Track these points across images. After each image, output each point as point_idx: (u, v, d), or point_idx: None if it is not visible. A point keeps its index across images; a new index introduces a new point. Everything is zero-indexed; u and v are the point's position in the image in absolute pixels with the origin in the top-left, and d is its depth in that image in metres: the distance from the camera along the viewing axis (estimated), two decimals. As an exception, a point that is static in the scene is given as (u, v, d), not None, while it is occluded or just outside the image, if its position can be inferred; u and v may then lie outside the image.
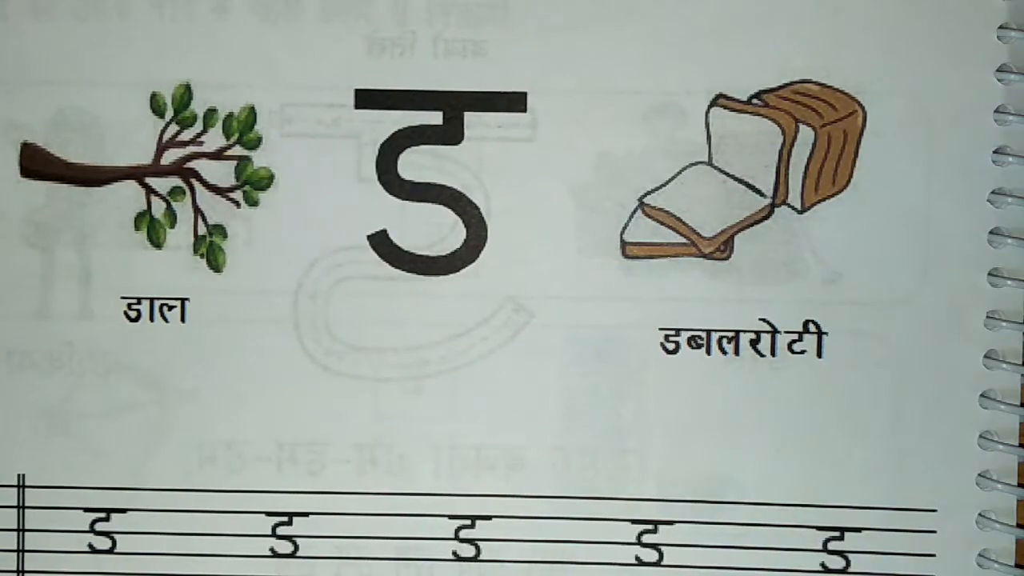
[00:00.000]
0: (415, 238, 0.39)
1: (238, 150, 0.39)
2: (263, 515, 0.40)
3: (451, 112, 0.39)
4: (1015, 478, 0.39)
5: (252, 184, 0.39)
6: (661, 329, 0.39)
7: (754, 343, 0.39)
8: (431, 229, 0.39)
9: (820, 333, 0.39)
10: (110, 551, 0.40)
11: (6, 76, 0.39)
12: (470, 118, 0.39)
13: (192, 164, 0.39)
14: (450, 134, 0.39)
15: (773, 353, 0.39)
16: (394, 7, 0.39)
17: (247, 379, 0.39)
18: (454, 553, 0.40)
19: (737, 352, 0.39)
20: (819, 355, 0.39)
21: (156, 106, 0.39)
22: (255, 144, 0.39)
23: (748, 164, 0.39)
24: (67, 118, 0.39)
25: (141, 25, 0.39)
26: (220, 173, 0.39)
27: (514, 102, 0.39)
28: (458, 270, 0.39)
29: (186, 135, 0.39)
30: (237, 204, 0.39)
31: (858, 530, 0.39)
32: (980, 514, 0.39)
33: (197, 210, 0.39)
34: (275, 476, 0.40)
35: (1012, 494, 0.39)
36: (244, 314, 0.39)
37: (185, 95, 0.39)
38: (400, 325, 0.39)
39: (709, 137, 0.39)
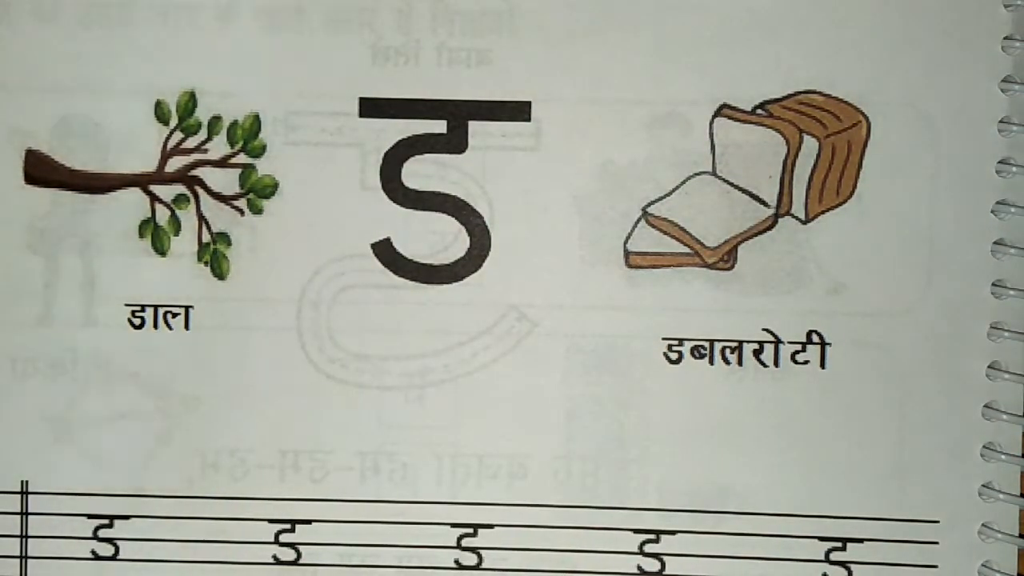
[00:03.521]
0: (419, 247, 0.39)
1: (242, 158, 0.39)
2: (266, 522, 0.40)
3: (455, 121, 0.39)
4: (1018, 489, 0.39)
5: (256, 192, 0.39)
6: (664, 339, 0.39)
7: (757, 353, 0.39)
8: (435, 238, 0.39)
9: (823, 344, 0.39)
10: (113, 558, 0.40)
11: (10, 82, 0.39)
12: (474, 127, 0.39)
13: (196, 172, 0.39)
14: (454, 143, 0.39)
15: (776, 363, 0.39)
16: (398, 16, 0.38)
17: (250, 386, 0.39)
18: (456, 562, 0.40)
19: (740, 362, 0.39)
20: (822, 366, 0.39)
21: (160, 113, 0.39)
22: (259, 152, 0.39)
23: (752, 174, 0.39)
24: (71, 125, 0.39)
25: (145, 32, 0.39)
26: (224, 181, 0.39)
27: (518, 111, 0.39)
28: (461, 279, 0.39)
29: (190, 143, 0.39)
30: (241, 212, 0.39)
31: (860, 541, 0.39)
32: (983, 525, 0.39)
33: (201, 218, 0.39)
34: (278, 483, 0.40)
35: (1015, 505, 0.39)
36: (248, 322, 0.39)
37: (189, 103, 0.39)
38: (403, 333, 0.39)
39: (713, 147, 0.39)
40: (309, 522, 0.40)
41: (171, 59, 0.39)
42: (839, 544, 0.39)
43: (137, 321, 0.39)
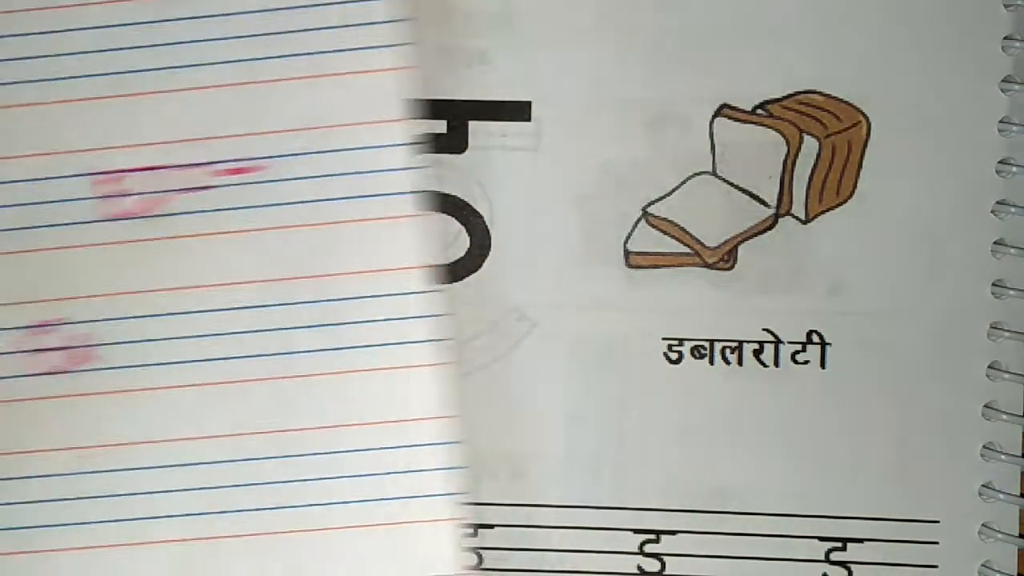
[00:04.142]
0: (419, 247, 0.39)
1: (242, 158, 0.39)
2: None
3: (455, 121, 0.39)
4: (1018, 489, 0.39)
5: (256, 192, 0.39)
6: (664, 339, 0.39)
7: (757, 353, 0.39)
8: (435, 238, 0.39)
9: (823, 343, 0.39)
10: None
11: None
12: (474, 127, 0.39)
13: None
14: (454, 143, 0.39)
15: (776, 363, 0.39)
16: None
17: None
18: (456, 562, 0.40)
19: (740, 362, 0.39)
20: (822, 365, 0.39)
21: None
22: (259, 152, 0.39)
23: (752, 174, 0.39)
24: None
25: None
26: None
27: (518, 111, 0.39)
28: (461, 278, 0.39)
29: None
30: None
31: (860, 541, 0.39)
32: (983, 525, 0.39)
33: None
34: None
35: (1015, 505, 0.39)
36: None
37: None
38: (403, 333, 0.39)
39: (713, 147, 0.39)
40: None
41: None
42: (839, 544, 0.39)
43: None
